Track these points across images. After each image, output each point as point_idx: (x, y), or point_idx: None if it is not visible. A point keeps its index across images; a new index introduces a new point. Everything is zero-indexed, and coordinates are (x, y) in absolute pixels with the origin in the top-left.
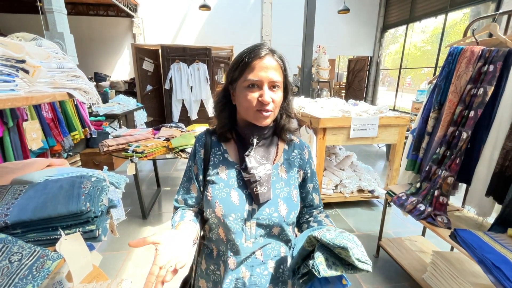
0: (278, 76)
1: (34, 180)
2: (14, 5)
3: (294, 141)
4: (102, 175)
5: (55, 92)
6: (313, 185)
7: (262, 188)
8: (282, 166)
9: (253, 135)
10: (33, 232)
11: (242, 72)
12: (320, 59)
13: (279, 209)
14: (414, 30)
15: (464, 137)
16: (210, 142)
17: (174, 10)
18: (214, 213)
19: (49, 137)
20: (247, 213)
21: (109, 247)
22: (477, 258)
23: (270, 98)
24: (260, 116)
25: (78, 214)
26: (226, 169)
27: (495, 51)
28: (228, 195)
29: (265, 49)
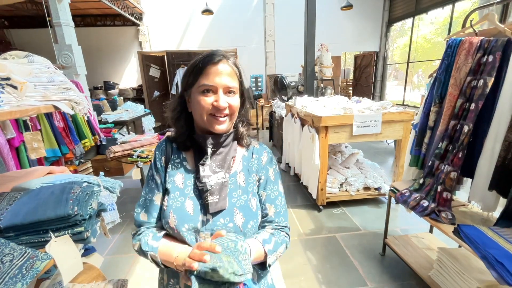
0: (233, 82)
1: (31, 187)
2: (27, 21)
3: (253, 146)
4: (97, 180)
5: (40, 105)
6: (267, 193)
7: (213, 197)
8: (241, 173)
9: (207, 144)
10: (25, 235)
11: (196, 78)
12: (323, 57)
13: (234, 218)
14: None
15: (466, 131)
16: (170, 150)
17: (178, 16)
18: (168, 223)
19: (62, 145)
20: (201, 223)
21: (119, 250)
22: (480, 254)
23: (226, 103)
24: (215, 122)
25: (66, 218)
26: (183, 178)
27: (494, 41)
28: (183, 204)
29: (219, 55)
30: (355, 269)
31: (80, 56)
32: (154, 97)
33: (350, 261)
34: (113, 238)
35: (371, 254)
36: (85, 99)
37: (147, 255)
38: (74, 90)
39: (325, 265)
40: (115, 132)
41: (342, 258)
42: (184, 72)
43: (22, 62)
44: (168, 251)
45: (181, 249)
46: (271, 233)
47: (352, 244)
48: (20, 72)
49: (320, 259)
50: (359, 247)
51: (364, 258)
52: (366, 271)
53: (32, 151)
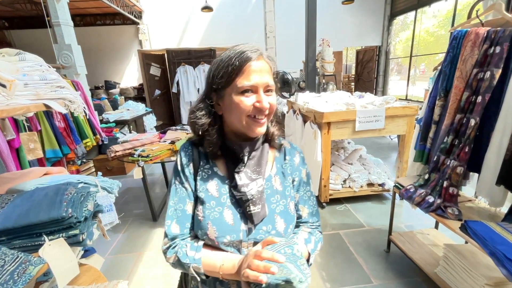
0: (271, 79)
1: (25, 188)
2: (27, 22)
3: (284, 147)
4: (94, 181)
5: (30, 104)
6: (300, 195)
7: (256, 207)
8: (276, 177)
9: (243, 151)
10: (18, 239)
11: (231, 78)
12: (324, 52)
13: (276, 225)
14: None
15: (472, 124)
16: (197, 155)
17: (178, 14)
18: (206, 235)
19: (63, 146)
20: (243, 234)
21: (121, 249)
22: (489, 250)
23: (268, 103)
24: (255, 124)
25: (60, 220)
26: (217, 185)
27: (501, 32)
28: (221, 214)
29: (255, 50)
30: (360, 266)
31: (80, 56)
32: (155, 95)
33: (354, 258)
34: (116, 238)
35: (376, 251)
36: (80, 98)
37: (187, 267)
38: (68, 88)
39: (329, 262)
40: (117, 131)
41: (346, 255)
42: (213, 71)
43: (14, 60)
44: (211, 261)
45: (224, 257)
46: (309, 232)
47: (356, 241)
48: (7, 70)
49: (324, 256)
50: (363, 244)
51: (369, 255)
52: (371, 268)
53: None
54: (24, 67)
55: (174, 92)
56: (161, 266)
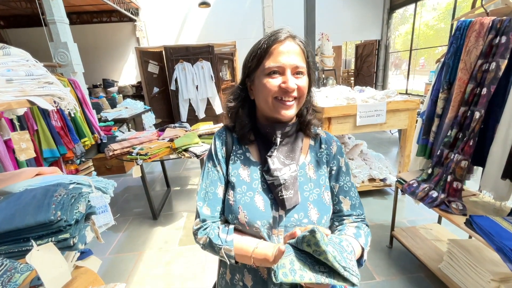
0: (301, 62)
1: (14, 190)
2: (23, 20)
3: (320, 135)
4: (88, 181)
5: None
6: (340, 185)
7: (288, 192)
8: (309, 165)
9: (275, 133)
10: (3, 244)
11: (260, 60)
12: (324, 46)
13: (309, 214)
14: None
15: (477, 117)
16: (231, 140)
17: (175, 10)
18: (237, 219)
19: (60, 146)
20: (274, 220)
21: (121, 248)
22: (495, 246)
23: (294, 84)
24: (281, 106)
25: (48, 224)
26: (249, 170)
27: (507, 21)
28: (252, 199)
29: (284, 32)
30: None
31: (76, 54)
32: (154, 93)
33: None
34: (116, 237)
35: (378, 247)
36: (70, 94)
37: (218, 249)
38: (57, 84)
39: None
40: (115, 130)
41: None
42: (247, 56)
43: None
44: (245, 244)
45: (258, 242)
46: (356, 226)
47: None
48: None
49: None
50: None
51: (371, 251)
52: (374, 264)
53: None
54: (8, 61)
55: (173, 89)
56: (162, 265)
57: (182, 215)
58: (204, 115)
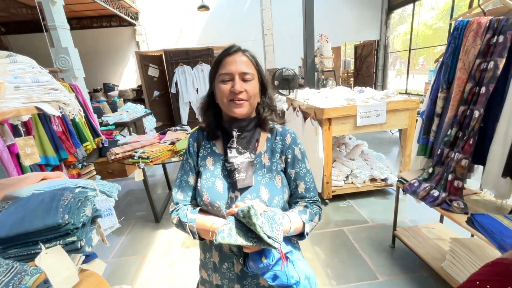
0: (248, 69)
1: (21, 195)
2: (23, 26)
3: (276, 129)
4: (92, 185)
5: (20, 107)
6: (296, 171)
7: (240, 175)
8: (265, 154)
9: (232, 128)
10: (13, 248)
11: (216, 69)
12: (323, 48)
13: (260, 194)
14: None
15: (477, 116)
16: (202, 137)
17: (174, 14)
18: (202, 201)
19: (61, 150)
20: (231, 200)
21: (125, 252)
22: (497, 244)
23: (241, 87)
24: (233, 106)
25: (56, 227)
26: (213, 161)
27: (504, 20)
28: (213, 184)
29: (235, 47)
30: (365, 262)
31: (77, 59)
32: (154, 96)
33: (359, 254)
34: (119, 240)
35: (381, 247)
36: (74, 100)
37: (185, 226)
38: (62, 90)
39: (334, 259)
40: (117, 133)
41: (351, 251)
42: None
43: (4, 62)
44: (204, 221)
45: (215, 219)
46: (305, 205)
47: (360, 237)
48: None
49: (328, 253)
50: (367, 240)
51: (374, 251)
52: (376, 264)
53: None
54: (15, 69)
55: (173, 92)
56: (165, 268)
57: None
58: None
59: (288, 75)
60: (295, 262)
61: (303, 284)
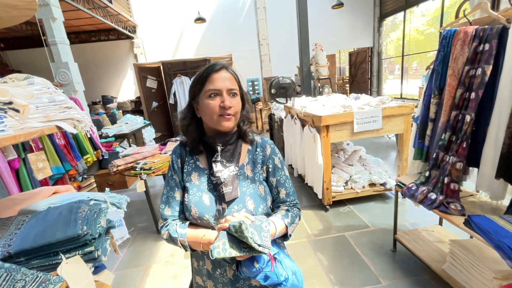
0: (233, 85)
1: (38, 209)
2: (22, 42)
3: (256, 141)
4: (103, 197)
5: (44, 127)
6: (277, 179)
7: (227, 188)
8: (247, 166)
9: (216, 143)
10: (36, 259)
11: (202, 85)
12: (318, 56)
13: (246, 204)
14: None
15: (468, 120)
16: (184, 153)
17: (171, 26)
18: (191, 215)
19: (65, 162)
20: (219, 212)
21: (128, 264)
22: (494, 244)
23: (230, 102)
24: (223, 120)
25: (76, 238)
26: (198, 175)
27: (489, 29)
28: (201, 198)
29: (219, 64)
30: (367, 267)
31: (77, 73)
32: (153, 107)
33: (361, 259)
34: (122, 253)
35: (382, 251)
36: (86, 116)
37: (176, 241)
38: (75, 108)
39: (337, 265)
40: (116, 145)
41: (353, 257)
42: (192, 82)
43: (22, 85)
44: (195, 234)
45: (206, 231)
46: (286, 209)
47: (362, 242)
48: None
49: (331, 259)
50: (369, 245)
51: (376, 256)
52: (379, 269)
53: (38, 171)
54: (33, 90)
55: (171, 103)
56: (169, 279)
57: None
58: None
59: (284, 83)
60: (282, 261)
61: (291, 279)
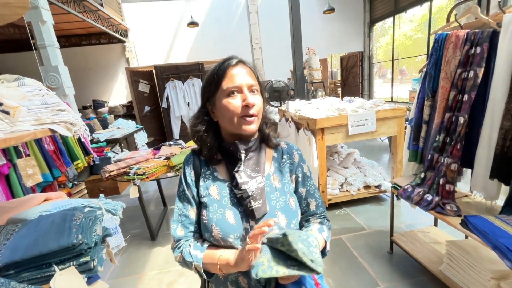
0: (254, 81)
1: (28, 217)
2: (10, 45)
3: (281, 147)
4: (98, 204)
5: (36, 130)
6: (307, 189)
7: (257, 203)
8: (274, 175)
9: (240, 150)
10: (27, 271)
11: (218, 83)
12: (311, 60)
13: (278, 221)
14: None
15: (462, 122)
16: (199, 163)
17: (164, 30)
18: (212, 236)
19: (54, 169)
20: (246, 231)
21: (121, 272)
22: (491, 244)
23: (253, 100)
24: (245, 122)
25: (70, 248)
26: (218, 188)
27: (480, 33)
28: (223, 215)
29: (235, 58)
30: (365, 270)
31: (67, 77)
32: (145, 112)
33: (358, 262)
34: None
35: (379, 253)
36: (80, 120)
37: (191, 265)
38: (68, 111)
39: (334, 268)
40: (108, 150)
41: (350, 260)
42: (204, 82)
43: (13, 86)
44: (210, 254)
45: (224, 250)
46: (320, 222)
47: (358, 244)
48: (13, 97)
49: (328, 263)
50: (366, 247)
51: (373, 258)
52: (376, 271)
53: (28, 178)
54: (25, 92)
55: (164, 107)
56: (163, 287)
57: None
58: None
59: (278, 87)
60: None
61: None
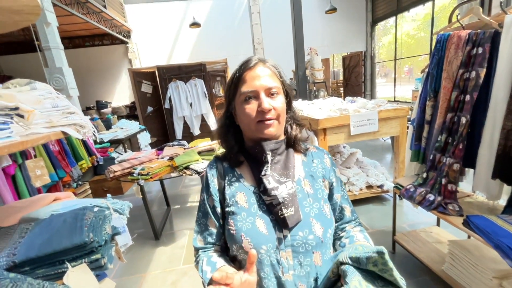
0: (273, 82)
1: (40, 216)
2: (14, 46)
3: (311, 150)
4: (106, 203)
5: (50, 133)
6: (341, 194)
7: (289, 210)
8: (305, 180)
9: (265, 150)
10: (41, 268)
11: (236, 88)
12: (313, 60)
13: (313, 229)
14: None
15: (464, 122)
16: (222, 169)
17: (166, 31)
18: (241, 248)
19: (59, 169)
20: (279, 241)
21: (125, 272)
22: (493, 244)
23: (269, 105)
24: (263, 126)
25: (82, 246)
26: (245, 196)
27: (482, 34)
28: (254, 224)
29: (254, 59)
30: None
31: (71, 78)
32: (148, 112)
33: None
34: (118, 260)
35: None
36: (89, 122)
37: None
38: (78, 113)
39: None
40: (111, 151)
41: None
42: (225, 87)
43: (25, 90)
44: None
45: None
46: (360, 230)
47: None
48: (28, 101)
49: None
50: None
51: None
52: None
53: (36, 179)
54: (35, 95)
55: (167, 108)
56: (167, 286)
57: (184, 234)
58: (199, 131)
59: None
60: None
61: None
